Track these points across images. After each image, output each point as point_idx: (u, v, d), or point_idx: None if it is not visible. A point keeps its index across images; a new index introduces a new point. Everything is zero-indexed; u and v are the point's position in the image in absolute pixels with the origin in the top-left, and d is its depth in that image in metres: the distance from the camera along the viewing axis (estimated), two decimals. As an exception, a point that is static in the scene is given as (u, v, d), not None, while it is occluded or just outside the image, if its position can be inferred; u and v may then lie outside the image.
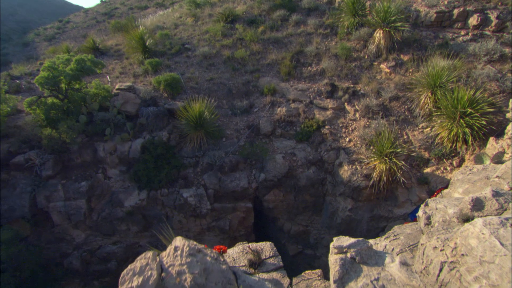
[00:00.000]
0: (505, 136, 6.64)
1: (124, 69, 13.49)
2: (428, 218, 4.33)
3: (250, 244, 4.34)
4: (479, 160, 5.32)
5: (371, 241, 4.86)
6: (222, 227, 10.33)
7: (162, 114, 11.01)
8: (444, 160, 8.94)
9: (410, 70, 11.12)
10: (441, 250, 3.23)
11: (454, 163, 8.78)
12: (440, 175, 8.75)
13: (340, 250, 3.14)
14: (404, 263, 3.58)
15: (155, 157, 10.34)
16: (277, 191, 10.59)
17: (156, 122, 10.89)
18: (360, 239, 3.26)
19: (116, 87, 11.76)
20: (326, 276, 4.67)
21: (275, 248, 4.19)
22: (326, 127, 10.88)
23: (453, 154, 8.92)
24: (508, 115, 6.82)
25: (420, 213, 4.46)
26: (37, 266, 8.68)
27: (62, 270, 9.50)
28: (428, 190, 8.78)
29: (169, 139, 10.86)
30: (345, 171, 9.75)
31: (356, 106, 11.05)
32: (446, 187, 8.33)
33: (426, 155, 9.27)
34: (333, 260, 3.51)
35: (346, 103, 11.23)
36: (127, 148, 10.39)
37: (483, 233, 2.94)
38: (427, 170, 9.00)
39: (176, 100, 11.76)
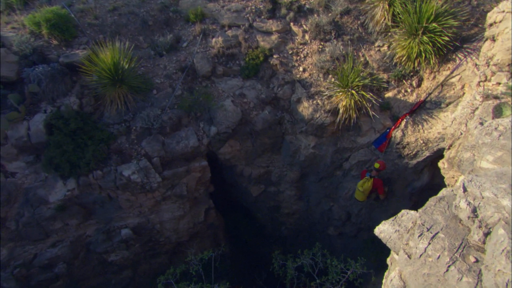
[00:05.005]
0: (483, 60, 5.75)
1: (-29, 5, 8.63)
2: (474, 210, 3.39)
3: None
4: (498, 111, 4.44)
5: (397, 241, 3.90)
6: (179, 194, 8.72)
7: (61, 73, 7.59)
8: (404, 81, 8.09)
9: (359, -26, 9.09)
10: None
11: (414, 83, 8.01)
12: (402, 98, 8.01)
13: None
14: None
15: (70, 134, 7.48)
16: (233, 141, 8.98)
17: (55, 86, 7.53)
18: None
19: (-31, 40, 7.51)
20: None
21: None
22: (275, 56, 8.89)
23: (411, 74, 8.08)
24: (486, 33, 5.82)
25: (461, 203, 3.48)
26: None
27: (-7, 298, 7.30)
28: (391, 116, 8.10)
29: (82, 105, 7.82)
30: (305, 108, 8.40)
31: (304, 26, 9.04)
32: (410, 112, 7.71)
33: (385, 77, 8.28)
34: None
35: (292, 23, 9.09)
36: (24, 131, 7.21)
37: None
38: (388, 94, 8.15)
39: (73, 48, 8.15)
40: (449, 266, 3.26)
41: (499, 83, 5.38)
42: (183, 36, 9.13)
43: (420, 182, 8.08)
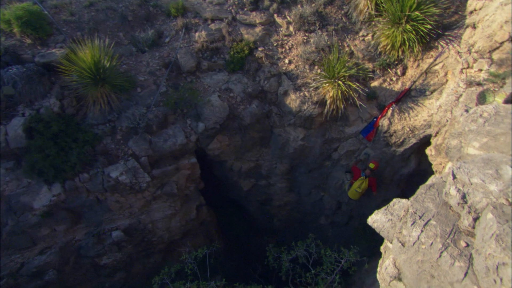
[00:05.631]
0: (464, 48, 5.88)
1: None
2: (464, 197, 3.50)
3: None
4: (482, 98, 4.54)
5: (390, 230, 4.00)
6: (170, 192, 8.63)
7: (37, 74, 7.27)
8: (389, 70, 8.19)
9: (340, -38, 9.06)
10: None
11: (399, 72, 8.13)
12: (387, 87, 8.12)
13: None
14: None
15: (53, 137, 7.22)
16: (221, 136, 8.91)
17: (32, 87, 7.22)
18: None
19: None
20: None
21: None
22: (260, 49, 8.82)
23: (396, 63, 8.18)
24: (467, 20, 5.93)
25: (451, 190, 3.59)
26: None
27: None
28: (378, 105, 8.22)
29: (63, 107, 7.55)
30: (293, 100, 8.41)
31: (288, 17, 8.97)
32: (396, 101, 7.84)
33: (371, 66, 8.36)
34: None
35: (275, 15, 9.01)
36: (1, 137, 6.90)
37: None
38: (374, 83, 8.24)
39: (49, 47, 7.81)
40: (441, 252, 3.37)
41: (481, 70, 5.52)
42: (165, 31, 8.91)
43: (407, 169, 8.29)
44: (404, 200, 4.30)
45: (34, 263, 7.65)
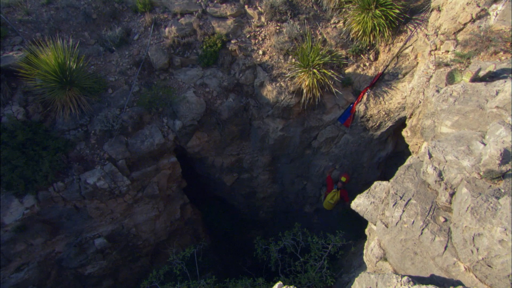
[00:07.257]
0: (431, 30, 6.09)
1: None
2: (440, 174, 3.67)
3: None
4: (450, 78, 4.71)
5: (373, 212, 4.13)
6: (151, 194, 8.47)
7: (-4, 81, 6.86)
8: (362, 55, 8.36)
9: (307, -50, 9.05)
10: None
11: (371, 57, 8.32)
12: (361, 73, 8.29)
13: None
14: None
15: (19, 147, 6.87)
16: (200, 133, 8.81)
17: (-8, 95, 6.82)
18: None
19: None
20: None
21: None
22: (232, 41, 8.71)
23: (368, 48, 8.36)
24: (432, 4, 6.13)
25: (428, 169, 3.74)
26: None
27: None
28: (353, 91, 8.39)
29: (28, 114, 7.17)
30: (270, 92, 8.42)
31: (259, 8, 8.90)
32: (370, 86, 8.03)
33: (344, 53, 8.49)
34: None
35: (246, 6, 8.91)
36: (-36, 150, 6.50)
37: None
38: (348, 70, 8.39)
39: (5, 50, 7.35)
40: (423, 229, 3.53)
41: (447, 51, 5.75)
42: (133, 28, 8.61)
43: (385, 151, 8.56)
44: (384, 182, 4.45)
45: (11, 281, 7.31)
